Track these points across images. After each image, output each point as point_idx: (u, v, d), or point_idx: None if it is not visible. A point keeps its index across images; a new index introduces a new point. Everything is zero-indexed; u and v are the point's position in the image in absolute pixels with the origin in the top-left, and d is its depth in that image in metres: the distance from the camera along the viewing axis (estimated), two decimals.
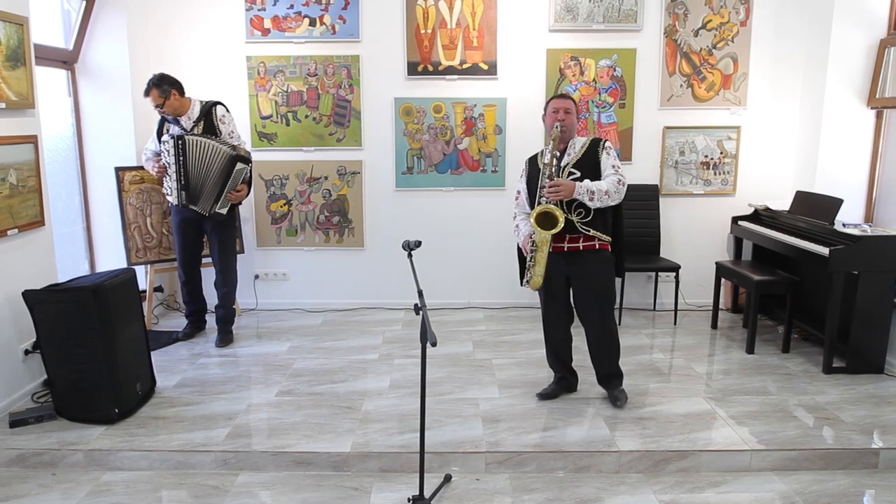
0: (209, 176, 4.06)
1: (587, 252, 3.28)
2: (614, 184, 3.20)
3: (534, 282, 3.28)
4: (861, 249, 3.69)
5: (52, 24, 4.40)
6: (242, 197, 4.26)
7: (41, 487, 2.83)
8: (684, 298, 5.06)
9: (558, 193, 3.15)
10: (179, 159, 4.02)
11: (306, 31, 4.89)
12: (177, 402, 3.48)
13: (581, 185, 3.17)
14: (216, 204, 4.13)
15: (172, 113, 4.08)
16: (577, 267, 3.30)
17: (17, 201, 3.42)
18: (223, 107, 4.25)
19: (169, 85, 4.02)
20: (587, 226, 3.25)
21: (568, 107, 3.31)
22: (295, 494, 2.78)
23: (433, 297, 4.98)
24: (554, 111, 3.31)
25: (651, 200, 4.99)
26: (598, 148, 3.32)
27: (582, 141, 3.36)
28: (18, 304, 3.28)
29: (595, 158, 3.30)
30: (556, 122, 3.26)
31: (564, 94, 3.48)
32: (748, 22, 4.84)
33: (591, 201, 3.18)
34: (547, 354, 3.57)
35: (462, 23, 4.85)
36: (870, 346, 3.81)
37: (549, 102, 3.39)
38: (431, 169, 5.04)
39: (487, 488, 2.82)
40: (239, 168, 4.08)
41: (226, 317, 4.43)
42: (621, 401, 3.40)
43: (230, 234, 4.40)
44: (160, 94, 4.00)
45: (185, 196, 4.10)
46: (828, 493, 2.78)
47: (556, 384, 3.55)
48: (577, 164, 3.28)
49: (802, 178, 4.82)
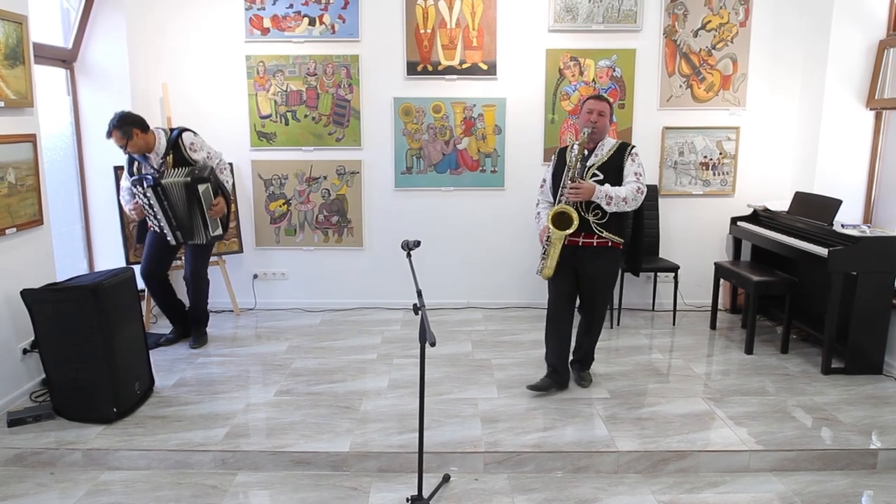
0: (191, 209, 4.02)
1: (600, 248, 3.43)
2: (633, 192, 3.33)
3: (545, 272, 3.44)
4: (860, 250, 3.69)
5: (52, 23, 4.39)
6: (222, 209, 4.16)
7: (39, 487, 2.83)
8: (683, 299, 5.06)
9: (578, 195, 3.29)
10: (164, 204, 3.97)
11: (306, 31, 4.88)
12: (175, 402, 3.48)
13: (601, 190, 3.30)
14: (208, 230, 4.10)
15: (138, 151, 3.93)
16: (588, 262, 3.44)
17: (16, 200, 3.42)
18: (190, 133, 4.11)
19: (129, 125, 3.83)
20: (602, 227, 3.39)
21: (602, 109, 3.43)
22: (293, 494, 2.78)
23: (432, 297, 4.98)
24: (589, 111, 3.43)
25: (650, 201, 4.96)
26: (625, 153, 3.43)
27: (611, 144, 3.47)
28: (17, 303, 3.28)
29: (620, 163, 3.42)
30: (589, 122, 3.39)
31: (601, 96, 3.57)
32: (747, 23, 4.85)
33: (608, 206, 3.32)
34: (547, 342, 3.62)
35: (462, 23, 4.85)
36: (868, 346, 3.81)
37: (587, 101, 3.50)
38: (431, 169, 5.04)
39: (486, 488, 2.82)
40: (202, 189, 4.00)
41: (198, 318, 4.38)
42: (586, 381, 3.68)
43: (206, 251, 4.35)
44: (122, 135, 3.81)
45: (181, 235, 4.09)
46: (826, 493, 2.79)
47: (548, 377, 3.58)
48: (602, 166, 3.40)
49: (801, 179, 4.82)
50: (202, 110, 4.95)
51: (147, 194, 3.94)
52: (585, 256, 3.44)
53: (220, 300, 5.01)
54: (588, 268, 3.46)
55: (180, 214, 4.01)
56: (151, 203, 3.97)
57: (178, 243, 4.14)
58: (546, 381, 3.56)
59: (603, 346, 4.35)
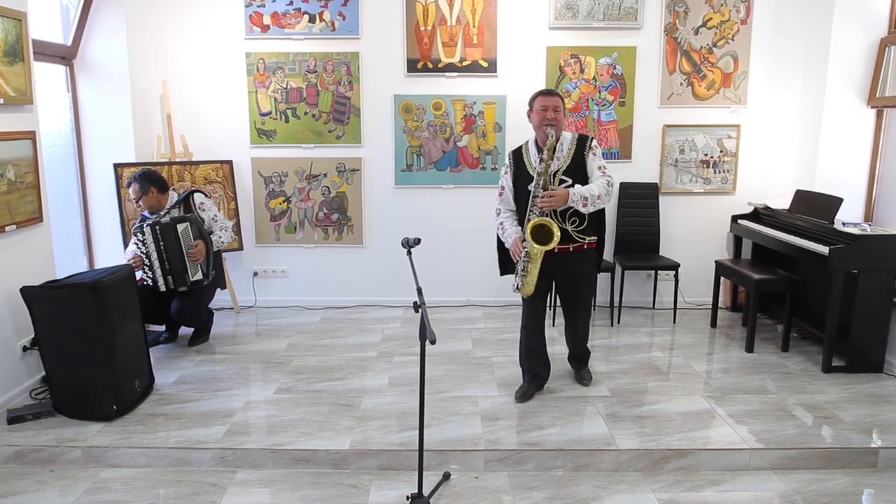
0: (176, 251, 4.02)
1: (576, 252, 3.32)
2: (604, 186, 3.20)
3: (526, 290, 3.27)
4: (861, 248, 3.68)
5: (51, 20, 4.38)
6: (201, 252, 4.10)
7: (39, 484, 2.83)
8: (684, 297, 5.06)
9: (553, 203, 3.13)
10: (160, 245, 3.99)
11: (306, 28, 4.87)
12: (175, 399, 3.48)
13: (574, 192, 3.15)
14: (187, 273, 4.07)
15: (150, 208, 4.10)
16: (567, 268, 3.34)
17: (16, 197, 3.41)
18: (201, 194, 4.27)
19: (149, 182, 4.03)
20: (582, 234, 3.29)
21: (557, 105, 3.24)
22: (293, 492, 2.78)
23: (432, 295, 4.97)
24: (543, 108, 3.23)
25: (651, 199, 4.98)
26: (585, 149, 3.29)
27: (568, 140, 3.31)
28: (16, 301, 3.27)
29: (582, 160, 3.28)
30: (546, 122, 3.20)
31: (552, 91, 3.36)
32: (748, 20, 4.84)
33: (585, 207, 3.18)
34: (524, 350, 3.50)
35: (462, 20, 4.84)
36: (869, 345, 3.81)
37: (536, 99, 3.29)
38: (431, 166, 5.04)
39: (486, 486, 2.82)
40: (181, 229, 4.02)
41: (198, 330, 4.37)
42: (587, 380, 3.62)
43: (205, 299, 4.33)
44: (139, 189, 4.01)
45: (171, 280, 4.06)
46: (827, 492, 2.78)
47: (529, 383, 3.50)
48: (568, 169, 3.26)
49: (802, 177, 4.82)
50: (202, 107, 4.95)
51: (145, 233, 3.97)
52: (563, 263, 3.31)
53: (221, 298, 4.99)
54: (567, 274, 3.37)
55: (172, 256, 4.01)
56: (148, 247, 3.99)
57: (168, 289, 4.07)
58: (531, 387, 3.49)
59: (603, 343, 4.35)
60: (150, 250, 4.00)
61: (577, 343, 3.62)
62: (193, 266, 4.09)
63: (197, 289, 4.17)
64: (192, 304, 4.19)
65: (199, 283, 4.15)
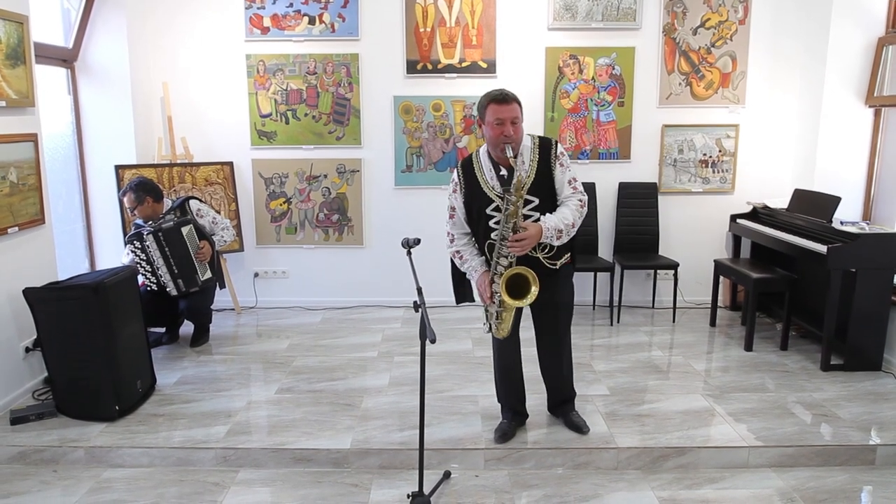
0: (183, 254, 4.05)
1: (550, 272, 2.86)
2: (577, 209, 2.78)
3: (501, 333, 2.92)
4: (859, 247, 3.70)
5: (52, 23, 4.40)
6: (209, 251, 4.19)
7: (42, 484, 2.84)
8: (683, 296, 5.07)
9: (525, 248, 2.69)
10: (165, 251, 4.01)
11: (305, 30, 4.89)
12: (177, 400, 3.49)
13: (547, 227, 2.70)
14: (197, 274, 4.11)
15: (144, 217, 4.09)
16: (541, 294, 2.75)
17: (18, 199, 3.43)
18: (196, 200, 4.29)
19: (144, 192, 4.03)
20: (553, 260, 2.84)
21: (515, 116, 2.67)
22: (294, 491, 2.79)
23: (432, 295, 4.95)
24: (498, 122, 2.64)
25: (650, 198, 5.00)
26: (551, 158, 2.77)
27: (529, 148, 2.79)
28: (19, 302, 3.29)
29: (548, 170, 2.78)
30: (504, 140, 2.64)
31: (506, 96, 2.69)
32: (747, 20, 4.85)
33: (559, 240, 2.76)
34: (501, 386, 3.15)
35: (461, 21, 4.85)
36: (867, 343, 3.82)
37: (488, 107, 2.68)
38: (431, 167, 5.05)
39: (486, 485, 2.84)
40: (185, 231, 4.05)
41: (199, 330, 4.39)
42: (585, 428, 3.08)
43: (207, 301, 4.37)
44: (135, 198, 4.01)
45: (182, 283, 4.09)
46: (825, 489, 2.80)
47: (511, 420, 3.09)
48: (533, 186, 2.75)
49: (801, 176, 4.83)
50: (202, 109, 4.97)
51: (147, 242, 3.98)
52: (539, 291, 2.74)
53: (221, 298, 5.01)
54: (545, 301, 2.85)
55: (180, 259, 4.03)
56: (150, 254, 4.00)
57: (180, 293, 4.11)
58: (512, 425, 3.09)
59: (603, 343, 4.37)
60: (153, 257, 4.02)
61: (564, 383, 3.14)
62: (202, 266, 4.14)
63: (206, 287, 4.24)
64: (201, 301, 4.26)
65: (210, 282, 4.23)
